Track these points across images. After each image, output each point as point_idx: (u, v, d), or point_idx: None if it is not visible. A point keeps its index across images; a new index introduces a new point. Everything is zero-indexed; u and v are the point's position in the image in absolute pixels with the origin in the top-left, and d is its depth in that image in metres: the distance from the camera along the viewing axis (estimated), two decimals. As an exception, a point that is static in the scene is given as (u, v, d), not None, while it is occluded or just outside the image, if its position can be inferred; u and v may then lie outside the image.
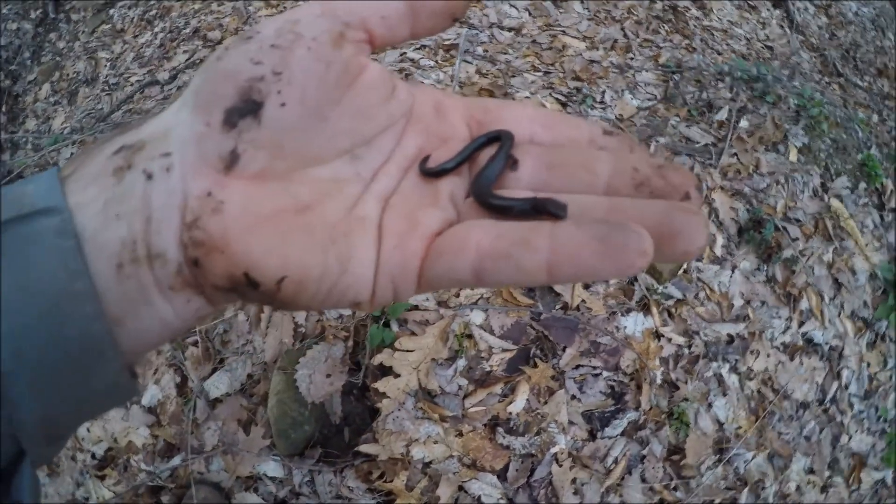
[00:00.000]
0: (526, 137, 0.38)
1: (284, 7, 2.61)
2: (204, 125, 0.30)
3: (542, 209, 0.33)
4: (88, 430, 1.67)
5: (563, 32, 2.38)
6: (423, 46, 2.25)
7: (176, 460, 1.63)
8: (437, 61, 2.19)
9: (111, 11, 3.36)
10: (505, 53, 2.26)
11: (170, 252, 0.29)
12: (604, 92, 2.18)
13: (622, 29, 2.43)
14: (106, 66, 3.07)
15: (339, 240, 0.31)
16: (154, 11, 3.14)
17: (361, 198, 0.34)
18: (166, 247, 0.28)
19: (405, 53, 2.23)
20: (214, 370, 1.73)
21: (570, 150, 0.37)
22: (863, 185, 2.26)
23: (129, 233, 0.28)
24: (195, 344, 1.76)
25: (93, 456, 1.67)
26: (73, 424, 0.30)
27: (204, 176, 0.29)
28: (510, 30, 2.38)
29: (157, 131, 0.31)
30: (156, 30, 3.03)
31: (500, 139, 0.38)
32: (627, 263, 0.28)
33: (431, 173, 0.37)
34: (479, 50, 2.25)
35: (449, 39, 2.27)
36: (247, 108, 0.30)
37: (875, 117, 2.59)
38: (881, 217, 2.23)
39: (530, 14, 2.44)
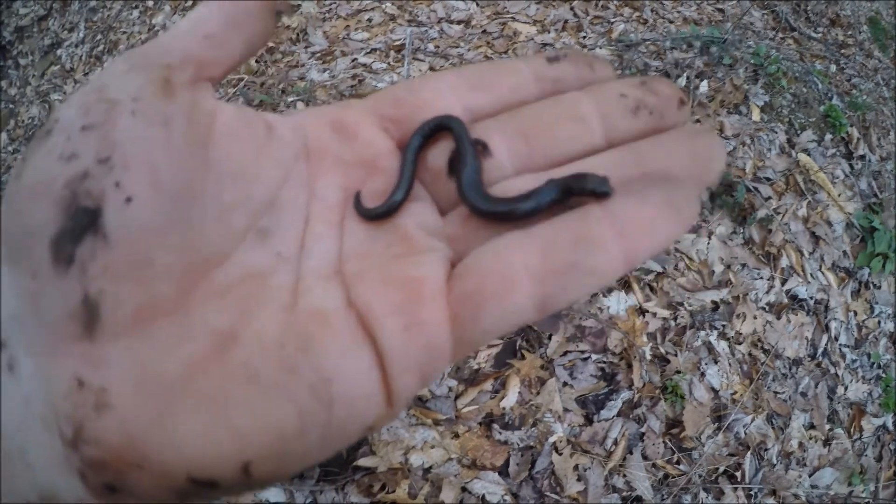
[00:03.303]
0: (460, 114, 0.30)
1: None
2: (30, 279, 0.20)
3: (580, 191, 0.26)
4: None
5: (513, 19, 2.36)
6: (374, 50, 2.22)
7: (175, 498, 1.62)
8: (389, 63, 2.16)
9: (58, 52, 3.30)
10: (456, 47, 2.24)
11: (64, 493, 0.19)
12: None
13: (571, 8, 2.42)
14: (59, 108, 3.02)
15: (298, 364, 0.22)
16: (101, 47, 3.09)
17: (300, 284, 0.25)
18: (53, 488, 0.19)
19: (356, 59, 2.20)
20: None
21: (534, 106, 0.29)
22: (828, 136, 2.26)
23: None
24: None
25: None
26: None
27: (63, 356, 0.20)
28: (459, 23, 2.35)
29: None
30: (105, 65, 2.98)
31: (450, 128, 0.29)
32: (693, 218, 0.24)
33: (378, 215, 0.28)
34: (431, 47, 2.22)
35: (399, 40, 2.25)
36: (80, 225, 0.20)
37: (833, 67, 2.60)
38: (850, 166, 2.24)
39: (478, 4, 2.42)
